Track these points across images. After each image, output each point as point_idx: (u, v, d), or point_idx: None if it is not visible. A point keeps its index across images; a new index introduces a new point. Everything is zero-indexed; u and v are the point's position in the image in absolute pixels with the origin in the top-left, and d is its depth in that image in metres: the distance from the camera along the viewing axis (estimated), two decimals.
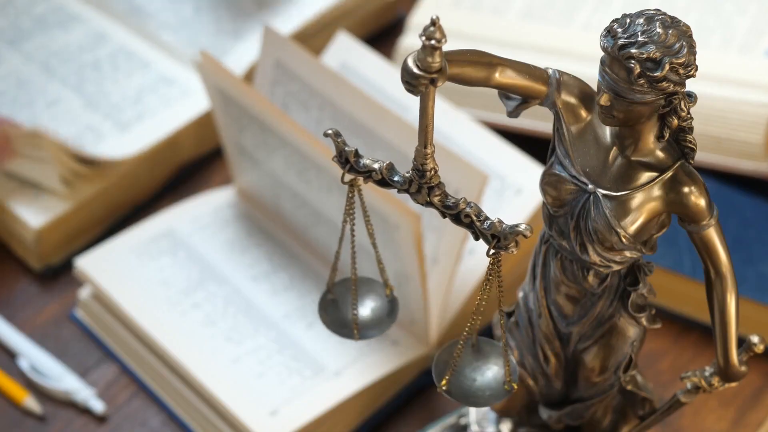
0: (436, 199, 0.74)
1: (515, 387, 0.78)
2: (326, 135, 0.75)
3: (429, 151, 0.73)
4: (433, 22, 0.66)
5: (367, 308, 0.84)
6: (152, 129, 1.18)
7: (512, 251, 0.73)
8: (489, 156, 1.08)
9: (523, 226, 0.72)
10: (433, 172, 0.74)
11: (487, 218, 0.73)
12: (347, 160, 0.75)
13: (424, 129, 0.72)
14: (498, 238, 0.73)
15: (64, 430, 1.04)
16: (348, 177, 0.77)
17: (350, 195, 0.79)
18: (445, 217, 0.75)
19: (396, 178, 0.75)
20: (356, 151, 0.75)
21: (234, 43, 1.24)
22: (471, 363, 0.79)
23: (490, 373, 0.79)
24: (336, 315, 0.84)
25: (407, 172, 0.74)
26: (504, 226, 0.73)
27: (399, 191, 0.75)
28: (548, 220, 0.79)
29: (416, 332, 1.04)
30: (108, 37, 1.25)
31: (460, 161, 0.98)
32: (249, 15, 1.26)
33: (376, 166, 0.75)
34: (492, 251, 0.74)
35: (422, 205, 0.75)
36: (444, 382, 0.78)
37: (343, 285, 0.84)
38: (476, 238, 0.74)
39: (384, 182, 0.75)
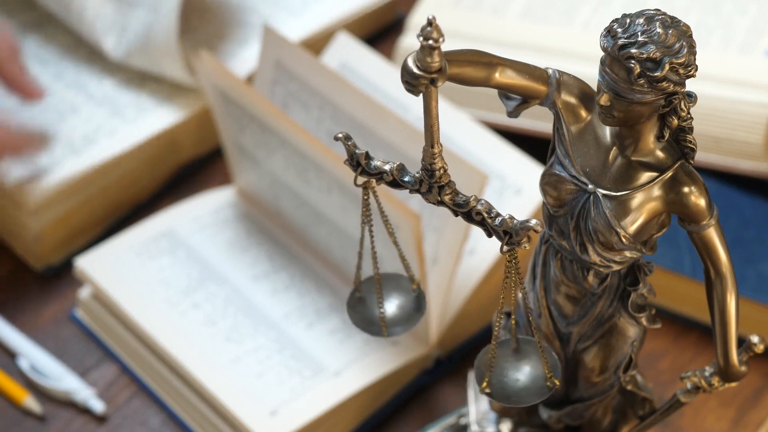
0: (446, 198, 0.74)
1: (557, 383, 0.78)
2: (336, 139, 0.75)
3: (436, 150, 0.73)
4: (430, 22, 0.66)
5: (394, 305, 0.84)
6: (152, 126, 1.18)
7: (525, 246, 0.73)
8: (489, 156, 1.08)
9: (533, 222, 0.72)
10: (442, 171, 0.74)
11: (498, 215, 0.74)
12: (358, 162, 0.75)
13: (429, 129, 0.72)
14: (510, 234, 0.73)
15: (64, 430, 1.04)
16: (360, 180, 0.77)
17: (365, 197, 0.79)
18: (457, 215, 0.75)
19: (407, 179, 0.75)
20: (367, 153, 0.75)
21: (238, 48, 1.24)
22: (510, 362, 0.79)
23: (531, 371, 0.79)
24: (364, 313, 0.84)
25: (417, 173, 0.75)
26: (515, 221, 0.73)
27: (410, 192, 0.75)
28: (548, 220, 0.79)
29: (416, 332, 1.04)
30: None
31: (460, 161, 0.98)
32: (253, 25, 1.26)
33: (387, 167, 0.75)
34: (506, 248, 0.74)
35: (434, 204, 0.75)
36: (485, 384, 0.78)
37: (369, 283, 0.84)
38: (489, 235, 0.74)
39: (395, 183, 0.76)
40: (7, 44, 1.10)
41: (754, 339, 0.80)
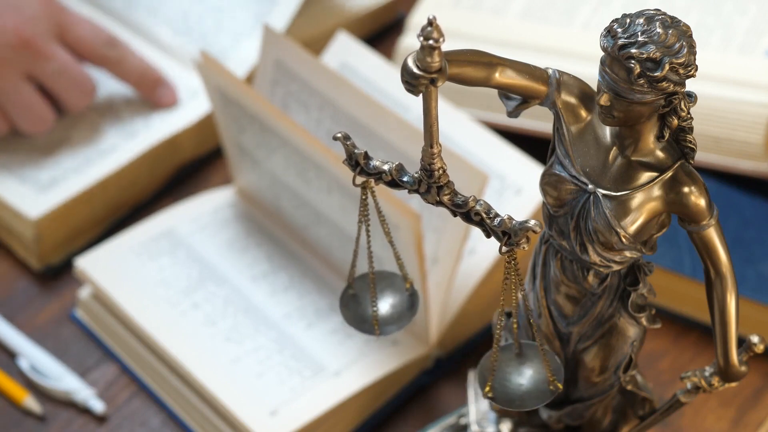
0: (445, 198, 0.74)
1: (560, 387, 0.78)
2: (335, 139, 0.75)
3: (435, 150, 0.73)
4: (430, 22, 0.66)
5: (387, 303, 0.84)
6: (154, 130, 1.18)
7: (523, 247, 0.73)
8: (489, 156, 1.08)
9: (532, 222, 0.72)
10: (441, 172, 0.74)
11: (497, 215, 0.74)
12: (357, 162, 0.76)
13: (429, 129, 0.72)
14: (509, 234, 0.73)
15: (64, 430, 1.04)
16: (359, 179, 0.77)
17: (363, 197, 0.79)
18: (455, 215, 0.75)
19: (405, 179, 0.75)
20: (366, 153, 0.75)
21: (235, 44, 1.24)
22: (513, 366, 0.79)
23: (533, 375, 0.79)
24: (356, 310, 0.83)
25: (416, 173, 0.75)
26: (514, 222, 0.73)
27: (409, 192, 0.75)
28: (548, 220, 0.79)
29: (416, 332, 1.04)
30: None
31: (460, 161, 0.98)
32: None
33: (386, 167, 0.75)
34: (504, 248, 0.74)
35: (433, 204, 0.75)
36: (488, 388, 0.78)
37: (362, 280, 0.84)
38: (487, 236, 0.74)
39: (394, 183, 0.76)
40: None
41: (754, 339, 0.80)
